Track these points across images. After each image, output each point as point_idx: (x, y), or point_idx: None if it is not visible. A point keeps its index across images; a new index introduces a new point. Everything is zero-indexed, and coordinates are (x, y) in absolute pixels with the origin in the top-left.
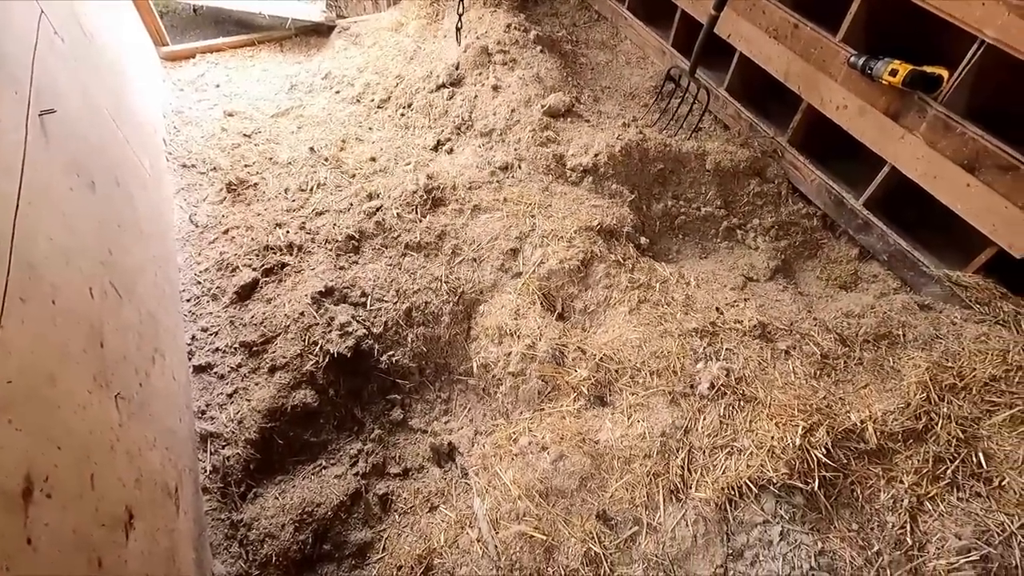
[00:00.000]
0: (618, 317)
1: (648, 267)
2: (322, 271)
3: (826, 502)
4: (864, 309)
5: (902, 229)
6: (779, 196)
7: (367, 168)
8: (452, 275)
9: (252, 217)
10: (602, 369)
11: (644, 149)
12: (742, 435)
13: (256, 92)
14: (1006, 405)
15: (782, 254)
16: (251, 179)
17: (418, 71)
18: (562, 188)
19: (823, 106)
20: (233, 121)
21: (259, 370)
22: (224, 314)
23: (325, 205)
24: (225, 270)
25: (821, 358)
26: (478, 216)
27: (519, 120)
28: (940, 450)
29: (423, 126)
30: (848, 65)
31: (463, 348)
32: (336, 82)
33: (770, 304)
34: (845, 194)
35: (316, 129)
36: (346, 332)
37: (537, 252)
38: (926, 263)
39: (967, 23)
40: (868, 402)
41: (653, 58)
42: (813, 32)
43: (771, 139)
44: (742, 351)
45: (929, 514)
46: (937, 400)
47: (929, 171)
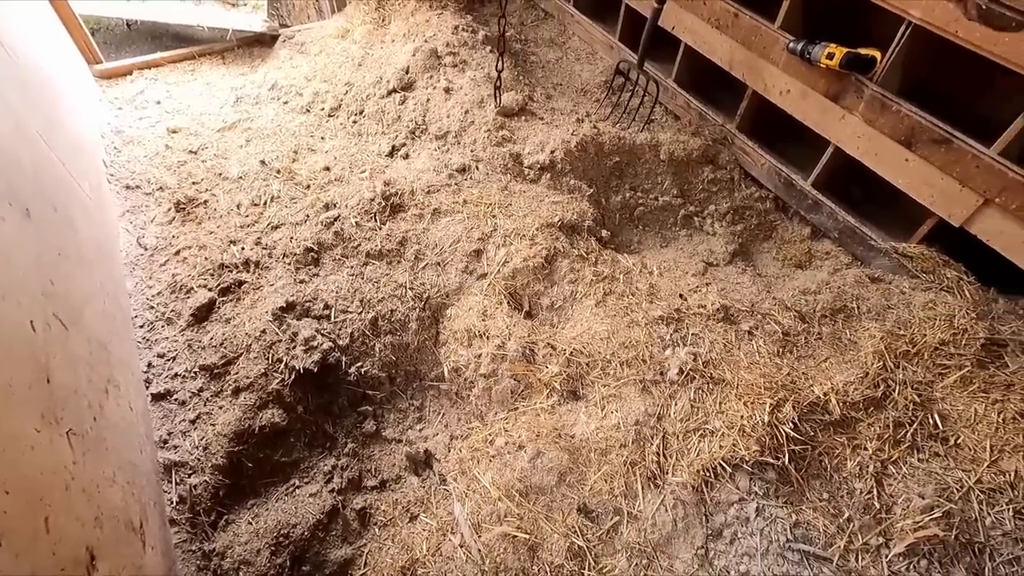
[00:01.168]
0: (585, 311)
1: (611, 259)
2: (282, 286)
3: (797, 475)
4: (820, 286)
5: (850, 206)
6: (732, 182)
7: (321, 178)
8: (416, 281)
9: (204, 236)
10: (573, 363)
11: (599, 143)
12: (713, 417)
13: (200, 107)
14: (956, 367)
15: (739, 238)
16: (201, 196)
17: (368, 77)
18: (521, 187)
19: (767, 92)
20: (177, 138)
21: (222, 393)
22: (181, 338)
23: (280, 218)
24: (179, 292)
25: (783, 336)
26: (439, 220)
27: (473, 121)
28: (899, 415)
29: (376, 132)
30: (788, 51)
31: (433, 353)
32: (284, 92)
33: (731, 287)
34: (794, 176)
35: (266, 141)
36: (311, 347)
37: (500, 252)
38: (874, 237)
39: (894, 5)
40: (829, 375)
41: (602, 53)
42: (753, 20)
43: (721, 127)
44: (707, 335)
45: (893, 477)
46: (893, 367)
47: (870, 149)
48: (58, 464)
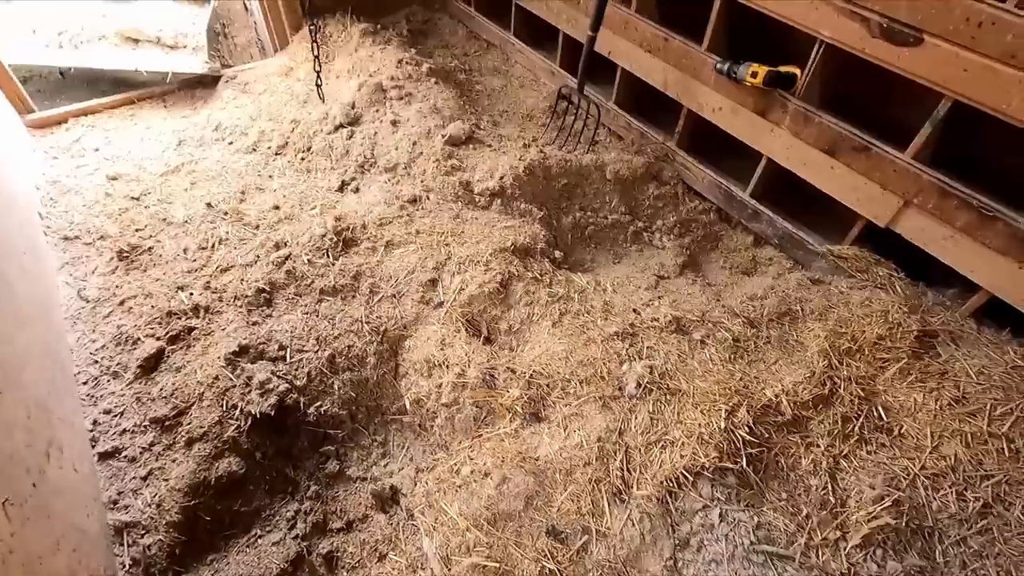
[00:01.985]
0: (542, 332)
1: (565, 279)
2: (234, 330)
3: (756, 477)
4: (766, 291)
5: (787, 213)
6: (677, 196)
7: (271, 217)
8: (373, 315)
9: (150, 283)
10: (533, 386)
11: (547, 167)
12: (672, 427)
13: (141, 152)
14: (894, 359)
15: (687, 250)
16: (144, 243)
17: (314, 114)
18: (473, 213)
19: (701, 110)
20: (118, 184)
21: (175, 445)
22: (128, 392)
23: (230, 261)
24: (125, 344)
25: (733, 342)
26: (392, 252)
27: (422, 152)
28: (846, 410)
29: (325, 168)
30: (716, 71)
31: (393, 387)
32: (228, 133)
33: (682, 298)
34: (733, 188)
35: (212, 183)
36: (267, 390)
37: (456, 279)
38: (811, 242)
39: (807, 26)
40: (780, 377)
41: (544, 79)
42: (682, 44)
43: (662, 144)
44: (662, 347)
45: (845, 471)
46: (837, 365)
47: (798, 159)
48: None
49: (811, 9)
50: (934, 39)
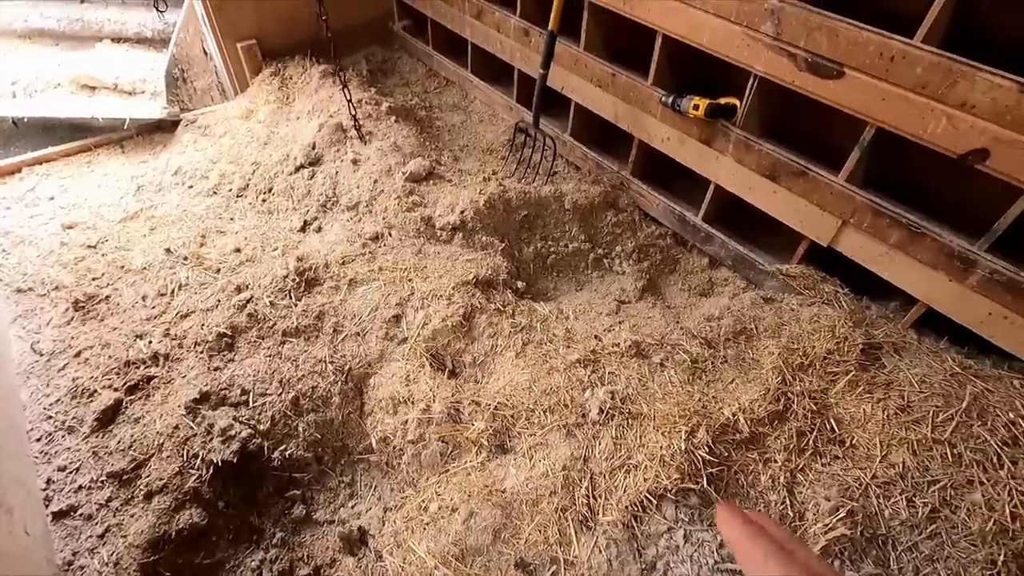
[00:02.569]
0: (506, 363)
1: (528, 309)
2: (195, 376)
3: (717, 496)
4: (722, 311)
5: (738, 235)
6: (634, 223)
7: (232, 260)
8: (337, 354)
9: (107, 333)
10: (498, 417)
11: (507, 199)
12: (635, 451)
13: (98, 199)
14: (843, 372)
15: (646, 274)
16: (101, 292)
17: (275, 155)
18: (435, 248)
19: (651, 140)
20: (74, 233)
21: (133, 500)
22: (84, 446)
23: (190, 306)
24: (81, 397)
25: (692, 363)
26: (355, 289)
27: (383, 190)
28: (800, 424)
29: (287, 209)
30: (661, 104)
31: (359, 426)
32: (188, 176)
33: (642, 322)
34: (687, 212)
35: (171, 228)
36: (229, 436)
37: (419, 314)
38: (761, 262)
39: (741, 61)
40: (737, 395)
41: (503, 114)
42: (629, 79)
43: (617, 173)
44: (623, 372)
45: (802, 484)
46: (791, 380)
47: (743, 184)
48: None
49: (744, 46)
50: (854, 72)
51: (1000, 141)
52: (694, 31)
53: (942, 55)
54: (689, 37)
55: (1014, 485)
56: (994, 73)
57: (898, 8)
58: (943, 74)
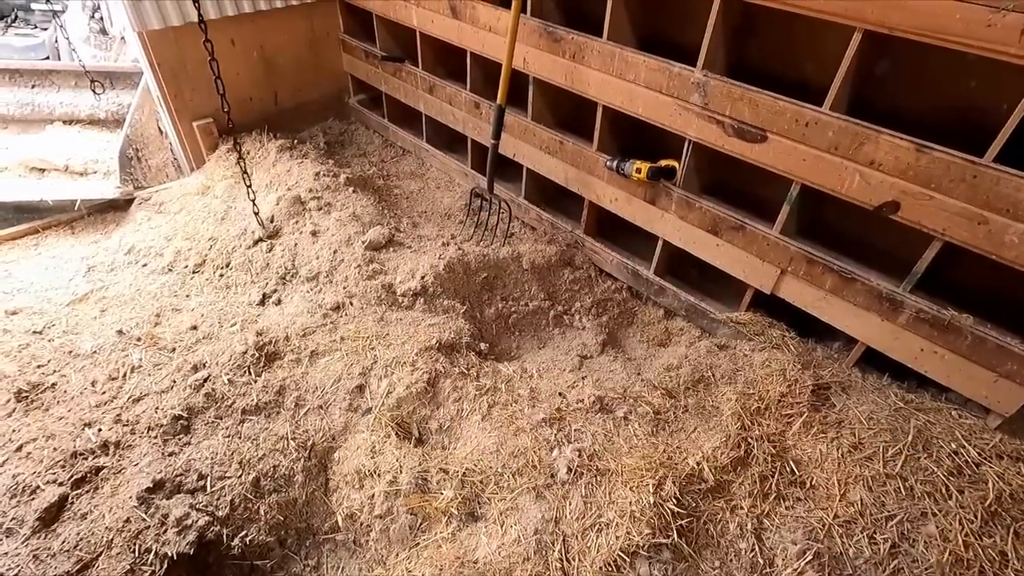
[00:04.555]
0: (473, 427)
1: (492, 370)
2: (148, 463)
3: (689, 549)
4: (680, 360)
5: (690, 286)
6: (590, 279)
7: (188, 338)
8: (299, 429)
9: (53, 423)
10: (467, 484)
11: (466, 263)
12: (606, 508)
13: (45, 282)
14: (797, 414)
15: (606, 328)
16: (47, 380)
17: (232, 230)
18: (397, 315)
19: (600, 201)
20: (18, 319)
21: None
22: (24, 549)
23: (143, 389)
24: (22, 495)
25: (655, 415)
26: (317, 361)
27: (343, 259)
28: (762, 468)
29: (246, 283)
30: (607, 168)
31: (324, 504)
32: (142, 255)
33: (605, 376)
34: (639, 267)
35: (123, 309)
36: (184, 526)
37: (383, 383)
38: (713, 310)
39: (676, 128)
40: (699, 444)
41: (459, 180)
42: (575, 145)
43: (571, 232)
44: (589, 428)
45: (769, 530)
46: (749, 425)
47: (688, 239)
48: None
49: (676, 115)
50: (776, 136)
51: (907, 194)
52: (630, 102)
53: (849, 120)
54: (626, 107)
55: (963, 515)
56: (893, 135)
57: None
58: (851, 136)
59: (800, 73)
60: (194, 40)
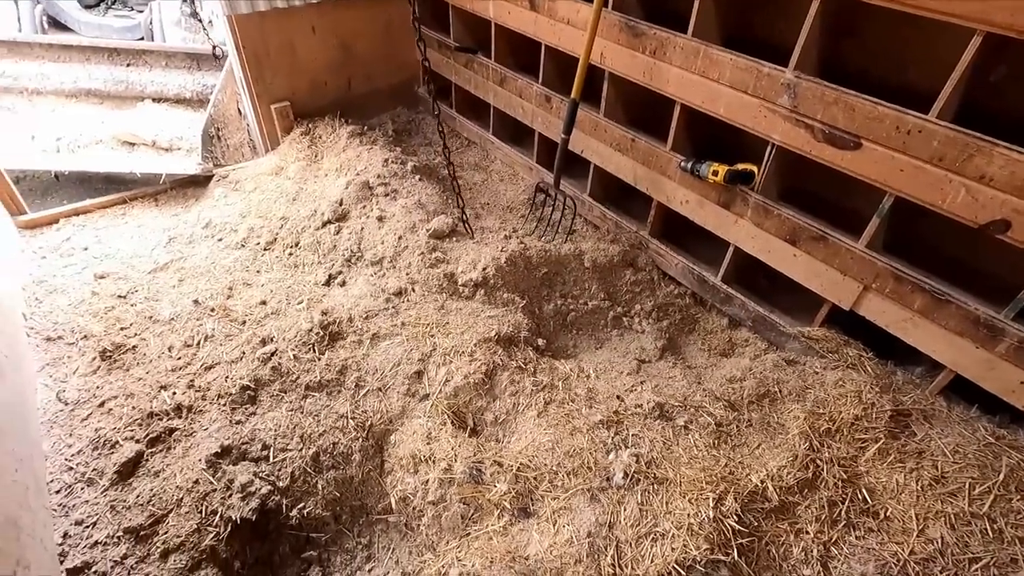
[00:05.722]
0: (528, 422)
1: (549, 367)
2: (216, 429)
3: (748, 569)
4: (744, 372)
5: (758, 296)
6: (652, 282)
7: (258, 312)
8: (358, 409)
9: (132, 383)
10: (521, 479)
11: (527, 257)
12: (662, 518)
13: (130, 250)
14: (872, 440)
15: (666, 333)
16: (129, 342)
17: (302, 211)
18: (457, 304)
19: (669, 202)
20: (105, 283)
21: (149, 557)
22: (103, 500)
23: (215, 358)
24: (102, 448)
25: (716, 427)
26: (378, 344)
27: (407, 246)
28: (831, 494)
29: (313, 263)
30: (680, 169)
31: (378, 484)
32: (218, 230)
33: (664, 383)
34: (705, 273)
35: (200, 280)
36: (248, 493)
37: (441, 371)
38: (783, 324)
39: (759, 132)
40: (764, 461)
41: (523, 174)
42: (648, 144)
43: (636, 233)
44: (647, 434)
45: (836, 559)
46: (818, 446)
47: (763, 247)
48: None
49: (761, 117)
50: (871, 144)
51: (1021, 213)
52: (711, 102)
53: (958, 130)
54: (706, 107)
55: None
56: (1011, 148)
57: (909, 83)
58: (960, 148)
59: (901, 77)
60: (278, 25)
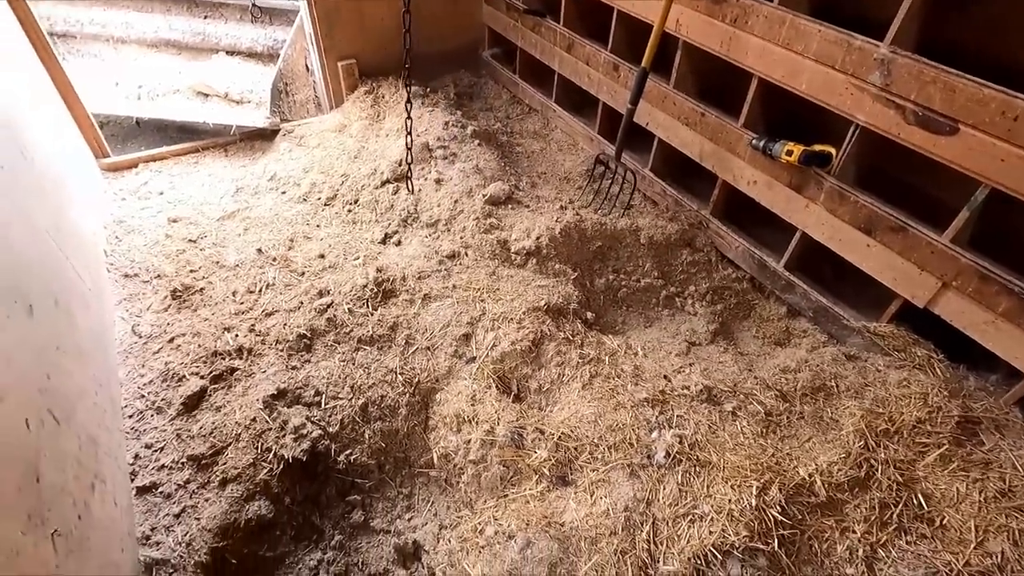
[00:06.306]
0: (572, 393)
1: (596, 341)
2: (273, 373)
3: (788, 561)
4: (799, 364)
5: (822, 286)
6: (710, 263)
7: (316, 265)
8: (407, 366)
9: (199, 323)
10: (561, 448)
11: (582, 229)
12: (701, 501)
13: (201, 197)
14: (935, 445)
15: (719, 317)
16: (197, 284)
17: (363, 169)
18: (508, 271)
19: (736, 181)
20: (177, 227)
21: (209, 484)
22: (170, 427)
23: (275, 305)
24: (171, 381)
25: (765, 416)
26: (429, 305)
27: (463, 210)
28: (884, 495)
29: (370, 221)
30: (751, 147)
31: (422, 439)
32: (282, 183)
33: (714, 367)
34: (767, 258)
35: (263, 230)
36: (301, 435)
37: (489, 336)
38: (846, 317)
39: (843, 110)
40: (813, 455)
41: (582, 144)
42: (718, 119)
43: (696, 212)
44: (692, 416)
45: (883, 561)
46: (874, 446)
47: (834, 235)
48: (41, 568)
49: (847, 94)
50: (969, 129)
51: None
52: (793, 76)
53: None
54: (786, 82)
55: None
56: None
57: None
58: None
59: (1014, 59)
60: None
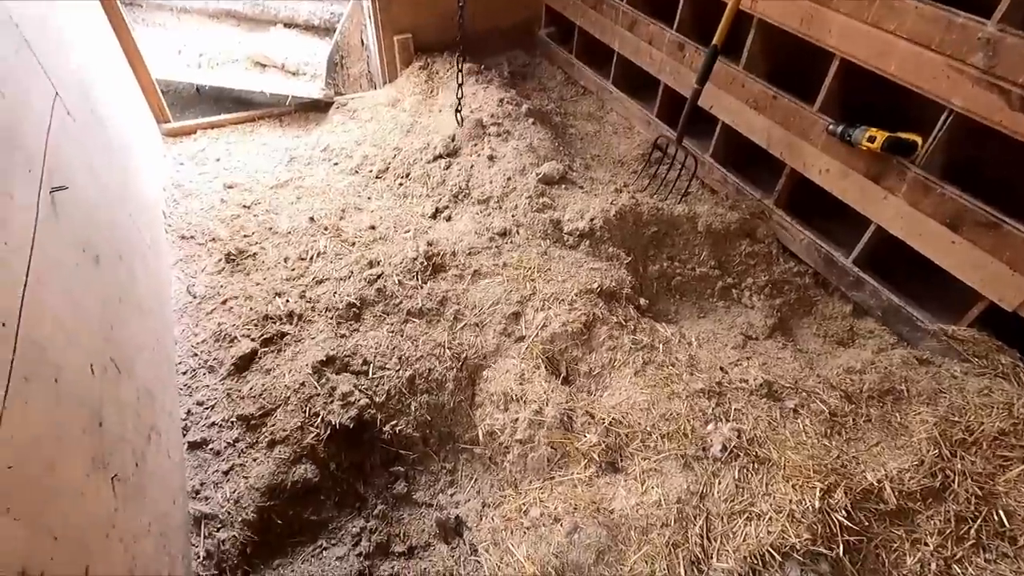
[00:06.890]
0: (624, 379)
1: (650, 328)
2: (323, 340)
3: (852, 569)
4: (865, 365)
5: (894, 285)
6: (770, 255)
7: (367, 236)
8: (455, 341)
9: (251, 287)
10: (612, 434)
11: (638, 213)
12: (759, 499)
13: (256, 165)
14: (1019, 459)
15: (778, 312)
16: (250, 249)
17: (415, 143)
18: (560, 252)
19: (806, 170)
20: (233, 193)
21: (257, 444)
22: (221, 387)
23: (325, 273)
24: (223, 341)
25: (830, 416)
26: (478, 281)
27: (515, 188)
28: (960, 508)
29: (421, 195)
30: (827, 133)
31: (468, 415)
32: (335, 154)
33: (772, 362)
34: (834, 252)
35: (315, 199)
36: (348, 402)
37: (539, 315)
38: (920, 318)
39: (936, 94)
40: (882, 460)
41: (639, 128)
42: (791, 103)
43: (758, 201)
44: (751, 411)
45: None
46: (950, 456)
47: (913, 229)
48: (102, 511)
49: (943, 77)
50: None
51: None
52: (880, 57)
53: None
54: (872, 63)
55: None
56: None
57: None
58: None
59: None
60: None
